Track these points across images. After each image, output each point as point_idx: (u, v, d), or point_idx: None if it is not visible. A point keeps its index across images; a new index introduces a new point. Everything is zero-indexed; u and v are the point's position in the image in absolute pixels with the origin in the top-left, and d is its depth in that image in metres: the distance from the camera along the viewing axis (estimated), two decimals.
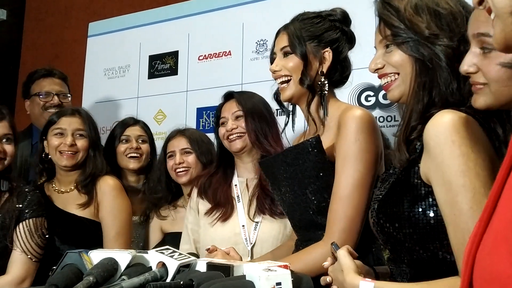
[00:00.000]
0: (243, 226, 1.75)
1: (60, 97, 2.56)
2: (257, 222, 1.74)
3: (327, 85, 1.44)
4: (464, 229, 0.91)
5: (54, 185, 1.99)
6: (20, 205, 1.79)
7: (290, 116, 1.58)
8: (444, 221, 0.97)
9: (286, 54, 1.47)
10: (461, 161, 0.93)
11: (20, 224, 1.77)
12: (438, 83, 1.05)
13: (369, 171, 1.31)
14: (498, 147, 0.99)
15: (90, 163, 1.96)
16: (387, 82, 1.15)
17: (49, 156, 1.98)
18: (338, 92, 1.54)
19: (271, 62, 1.52)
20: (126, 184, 2.25)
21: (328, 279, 1.12)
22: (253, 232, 1.73)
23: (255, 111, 1.82)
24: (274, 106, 2.59)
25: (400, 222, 1.04)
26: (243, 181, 1.84)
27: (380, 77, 1.17)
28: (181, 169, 2.06)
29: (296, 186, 1.42)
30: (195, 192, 1.90)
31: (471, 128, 0.96)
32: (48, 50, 3.70)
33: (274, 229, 1.73)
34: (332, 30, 1.47)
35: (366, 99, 2.40)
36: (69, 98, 2.63)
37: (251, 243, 1.72)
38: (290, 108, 1.59)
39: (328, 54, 1.45)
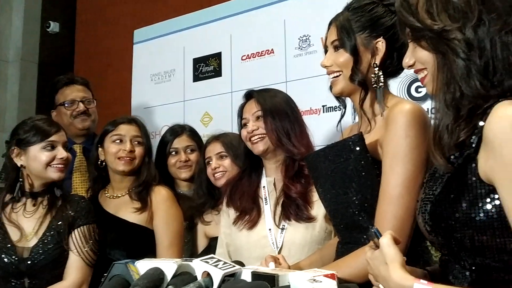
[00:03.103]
0: (270, 229, 1.72)
1: (85, 103, 2.58)
2: (283, 228, 1.71)
3: (382, 77, 1.34)
4: None
5: (107, 192, 2.06)
6: (73, 213, 1.86)
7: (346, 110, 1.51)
8: (510, 225, 0.89)
9: (336, 48, 1.40)
10: None
11: (75, 230, 1.84)
12: (457, 80, 0.98)
13: (420, 169, 1.23)
14: None
15: (145, 171, 2.04)
16: (421, 77, 1.09)
17: (104, 164, 2.05)
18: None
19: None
20: (178, 191, 2.32)
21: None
22: (280, 236, 1.70)
23: (276, 110, 1.76)
24: (321, 101, 2.61)
25: (459, 225, 0.96)
26: (271, 181, 1.81)
27: (415, 72, 1.12)
28: (218, 173, 2.08)
29: (337, 184, 1.37)
30: (225, 197, 1.89)
31: None
32: (100, 60, 3.81)
33: (301, 233, 1.69)
34: (387, 16, 1.36)
35: (416, 91, 2.30)
36: (94, 103, 2.63)
37: (278, 247, 1.68)
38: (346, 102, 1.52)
39: (381, 44, 1.36)
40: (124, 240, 1.94)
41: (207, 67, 3.05)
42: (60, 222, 1.84)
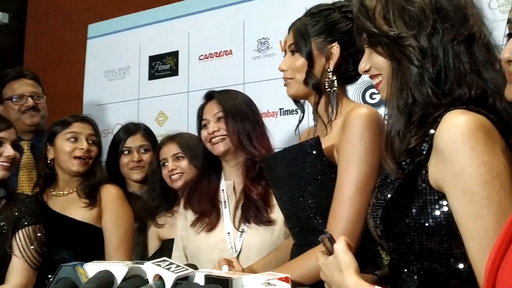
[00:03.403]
0: (229, 233, 1.71)
1: (34, 98, 2.49)
2: (242, 231, 1.71)
3: (335, 81, 1.37)
4: (491, 243, 0.84)
5: (53, 190, 2.00)
6: (17, 213, 1.78)
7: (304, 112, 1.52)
8: (460, 232, 0.91)
9: (293, 53, 1.43)
10: (484, 171, 0.87)
11: (20, 231, 1.77)
12: (410, 86, 1.00)
13: (374, 172, 1.26)
14: None
15: (98, 171, 2.00)
16: (376, 83, 1.12)
17: (52, 163, 1.99)
18: None
19: None
20: (129, 190, 2.27)
21: None
22: (239, 240, 1.69)
23: (237, 111, 1.76)
24: (278, 105, 2.62)
25: (409, 230, 0.98)
26: (230, 184, 1.80)
27: (370, 78, 1.14)
28: (175, 175, 2.04)
29: (293, 187, 1.38)
30: (183, 199, 1.87)
31: (488, 131, 0.91)
32: (50, 53, 3.68)
33: (260, 237, 1.68)
34: (343, 22, 1.39)
35: (370, 97, 2.35)
36: (44, 99, 2.55)
37: (237, 251, 1.68)
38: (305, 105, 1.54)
39: (335, 49, 1.38)
40: (71, 239, 1.88)
41: (163, 65, 2.99)
42: (3, 223, 1.76)
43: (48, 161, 2.00)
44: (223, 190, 1.79)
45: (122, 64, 3.15)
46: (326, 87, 1.38)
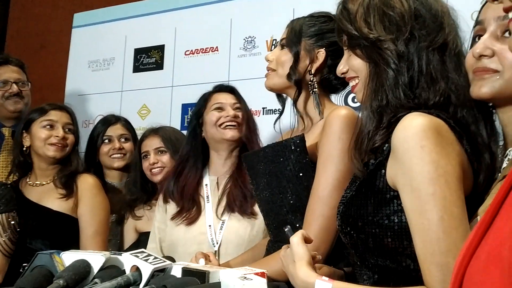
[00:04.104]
0: (210, 226, 1.72)
1: (19, 85, 2.49)
2: (223, 221, 1.72)
3: (316, 84, 1.42)
4: (433, 239, 0.89)
5: (29, 180, 1.98)
6: None
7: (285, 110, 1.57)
8: (409, 229, 0.94)
9: (283, 47, 1.48)
10: (430, 169, 0.90)
11: None
12: (385, 89, 1.03)
13: (350, 171, 1.25)
14: (472, 151, 0.98)
15: (74, 159, 1.99)
16: (353, 85, 1.15)
17: (28, 150, 1.97)
18: None
19: None
20: (108, 182, 2.25)
21: None
22: (219, 232, 1.70)
23: (248, 108, 1.85)
24: (262, 103, 2.64)
25: (364, 226, 1.01)
26: (214, 180, 1.81)
27: (347, 80, 1.17)
28: (156, 169, 2.04)
29: (274, 183, 1.40)
30: (164, 191, 1.87)
31: (441, 133, 0.94)
32: (34, 40, 3.63)
33: (240, 229, 1.70)
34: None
35: (353, 101, 2.38)
36: (28, 86, 2.55)
37: (217, 243, 1.69)
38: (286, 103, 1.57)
39: (321, 54, 1.43)
40: (47, 229, 1.87)
41: (148, 58, 2.98)
42: None
43: (24, 149, 1.98)
44: (206, 185, 1.80)
45: (106, 55, 3.13)
46: (309, 88, 1.43)
